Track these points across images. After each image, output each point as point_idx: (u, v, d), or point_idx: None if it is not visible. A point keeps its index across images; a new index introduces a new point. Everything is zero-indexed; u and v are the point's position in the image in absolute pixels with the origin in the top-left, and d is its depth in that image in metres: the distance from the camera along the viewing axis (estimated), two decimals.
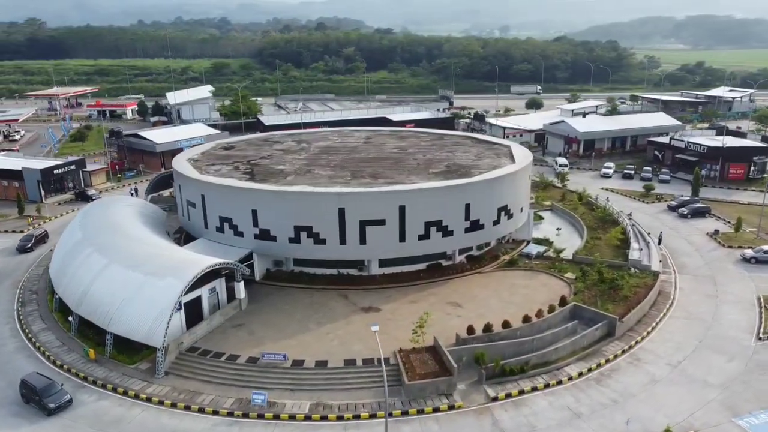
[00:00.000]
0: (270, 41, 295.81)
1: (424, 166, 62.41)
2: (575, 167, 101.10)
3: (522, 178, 60.88)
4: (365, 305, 51.86)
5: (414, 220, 53.76)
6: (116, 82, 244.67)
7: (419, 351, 43.99)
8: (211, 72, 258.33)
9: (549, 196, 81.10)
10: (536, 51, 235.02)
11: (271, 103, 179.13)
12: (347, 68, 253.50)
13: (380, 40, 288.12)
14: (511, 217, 60.10)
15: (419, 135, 79.05)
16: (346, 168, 61.98)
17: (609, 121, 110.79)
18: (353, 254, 54.74)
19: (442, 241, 55.70)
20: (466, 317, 49.11)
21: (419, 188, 53.87)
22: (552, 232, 68.08)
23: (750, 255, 62.28)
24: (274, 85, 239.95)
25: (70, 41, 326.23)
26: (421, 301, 52.35)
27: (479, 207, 56.16)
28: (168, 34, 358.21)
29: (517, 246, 63.62)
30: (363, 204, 53.01)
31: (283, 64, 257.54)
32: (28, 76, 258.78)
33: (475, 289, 54.49)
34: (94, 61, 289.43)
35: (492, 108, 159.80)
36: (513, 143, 71.34)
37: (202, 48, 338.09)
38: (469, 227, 56.30)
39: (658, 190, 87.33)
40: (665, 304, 53.44)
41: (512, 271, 58.07)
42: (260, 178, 58.71)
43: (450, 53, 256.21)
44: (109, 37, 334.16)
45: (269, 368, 43.10)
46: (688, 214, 75.93)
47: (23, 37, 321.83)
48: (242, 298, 51.39)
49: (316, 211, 53.19)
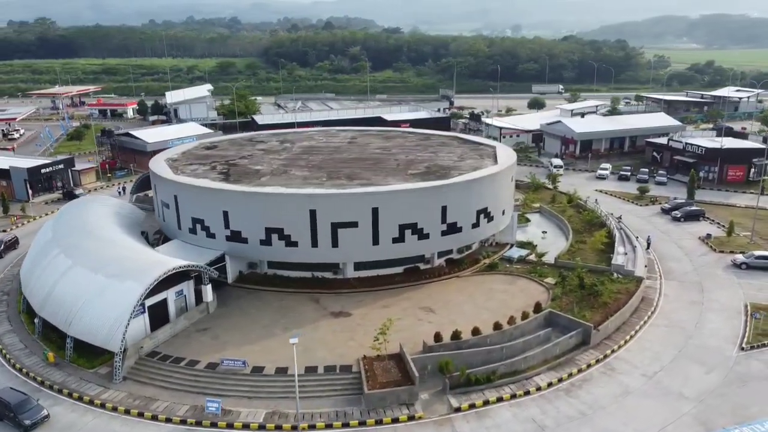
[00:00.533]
0: (276, 41, 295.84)
1: (404, 167, 60.98)
2: (571, 168, 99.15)
3: (503, 180, 59.24)
4: (336, 310, 50.55)
5: (388, 223, 52.37)
6: (123, 81, 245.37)
7: (384, 359, 42.59)
8: (217, 71, 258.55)
9: (539, 198, 79.29)
10: (543, 50, 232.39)
11: (272, 102, 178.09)
12: (352, 67, 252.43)
13: (387, 39, 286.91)
14: (492, 220, 58.50)
15: (406, 135, 77.61)
16: (324, 169, 60.72)
17: (607, 122, 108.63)
18: (325, 257, 53.45)
19: (418, 245, 54.25)
20: (437, 323, 47.65)
21: (393, 190, 52.47)
22: (538, 235, 66.41)
23: (741, 260, 60.20)
24: (279, 85, 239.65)
25: (79, 41, 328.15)
26: (394, 305, 50.99)
27: (456, 209, 54.63)
28: (177, 34, 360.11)
29: (500, 249, 62.02)
30: (335, 206, 51.71)
31: (289, 63, 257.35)
32: (36, 75, 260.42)
33: (451, 293, 52.99)
34: (102, 61, 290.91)
35: (494, 107, 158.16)
36: (499, 144, 69.70)
37: (210, 47, 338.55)
38: (446, 230, 54.79)
39: (653, 192, 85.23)
40: (647, 311, 51.62)
41: (491, 276, 56.49)
42: (234, 178, 57.63)
43: (456, 53, 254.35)
44: (117, 37, 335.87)
45: (228, 375, 41.93)
46: (681, 218, 73.83)
47: (33, 36, 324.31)
48: (210, 302, 50.28)
49: (287, 212, 51.98)
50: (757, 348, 46.00)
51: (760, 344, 46.32)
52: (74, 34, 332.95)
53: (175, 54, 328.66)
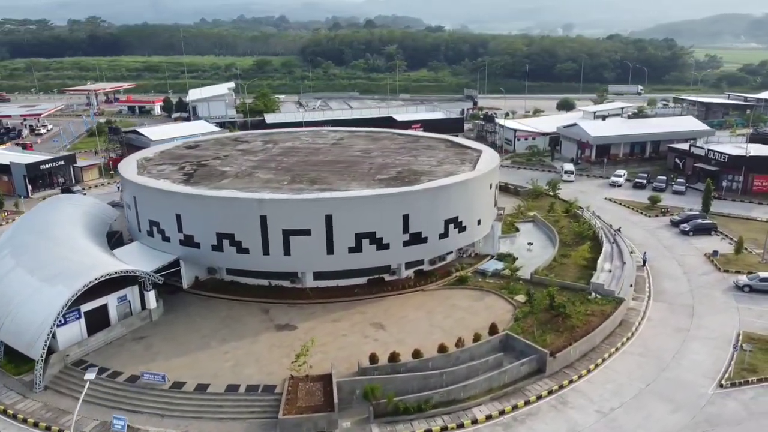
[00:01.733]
0: (313, 39, 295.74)
1: (375, 171, 57.62)
2: (585, 174, 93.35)
3: (479, 188, 55.11)
4: (283, 322, 47.77)
5: (343, 231, 49.20)
6: (163, 79, 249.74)
7: (313, 380, 39.53)
8: (254, 69, 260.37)
9: (538, 205, 74.42)
10: (583, 49, 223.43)
11: (295, 100, 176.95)
12: (387, 66, 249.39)
13: (425, 38, 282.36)
14: (465, 231, 54.49)
15: (394, 137, 74.09)
16: (292, 171, 58.01)
17: (628, 125, 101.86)
18: (277, 266, 50.74)
19: (377, 255, 50.84)
20: (383, 342, 44.32)
21: (348, 196, 49.24)
22: (525, 246, 61.86)
23: (744, 282, 54.20)
24: (313, 83, 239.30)
25: (127, 39, 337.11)
26: (345, 320, 47.85)
27: (420, 218, 50.96)
28: (221, 32, 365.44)
29: (478, 261, 57.96)
30: (286, 212, 48.91)
31: (325, 61, 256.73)
32: (83, 71, 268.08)
33: (409, 309, 49.38)
34: (145, 58, 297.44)
35: (521, 108, 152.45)
36: (487, 149, 65.33)
37: (252, 46, 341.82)
38: (409, 240, 51.18)
39: (667, 202, 78.90)
40: (623, 336, 46.67)
41: (459, 290, 52.53)
42: (195, 180, 55.57)
43: (494, 52, 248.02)
44: (163, 35, 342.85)
45: (146, 389, 39.71)
46: (689, 231, 67.70)
47: (85, 34, 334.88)
48: (153, 309, 48.32)
49: (238, 218, 49.49)
50: (738, 386, 40.64)
51: (743, 381, 40.94)
52: (122, 33, 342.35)
53: (217, 52, 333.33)
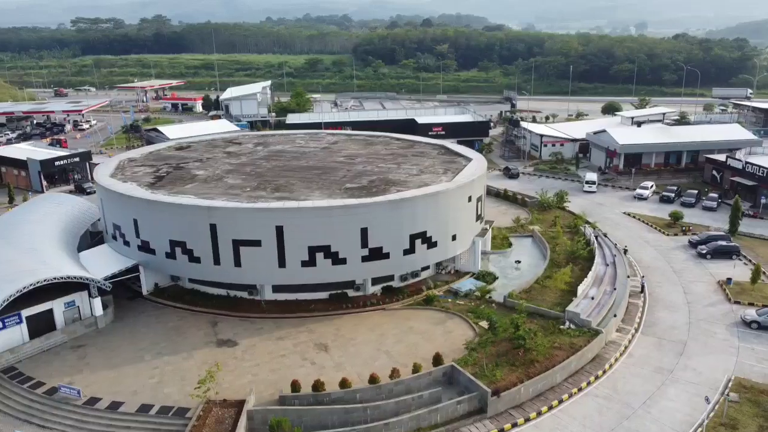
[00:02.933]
0: (366, 38, 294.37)
1: (347, 180, 54.38)
2: (611, 185, 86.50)
3: (454, 200, 50.89)
4: (226, 337, 45.42)
5: (295, 244, 46.34)
6: (218, 76, 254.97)
7: (229, 405, 36.87)
8: (306, 68, 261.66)
9: (544, 218, 68.97)
10: (642, 50, 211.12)
11: (331, 99, 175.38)
12: (437, 65, 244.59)
13: (479, 36, 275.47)
14: (435, 246, 50.44)
15: (390, 142, 70.45)
16: (262, 177, 55.58)
17: (664, 133, 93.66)
18: (228, 277, 48.52)
19: (333, 270, 47.65)
20: (320, 366, 41.26)
21: (299, 207, 46.24)
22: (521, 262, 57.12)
23: (751, 317, 47.55)
24: (364, 82, 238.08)
25: (189, 37, 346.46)
26: (290, 338, 45.03)
27: (380, 232, 47.41)
28: (279, 31, 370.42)
29: (457, 279, 53.80)
30: (236, 221, 46.49)
31: (376, 60, 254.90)
32: (145, 68, 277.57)
33: (362, 330, 45.95)
34: (204, 56, 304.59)
35: (565, 111, 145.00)
36: (478, 157, 60.73)
37: (309, 44, 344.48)
38: (369, 256, 47.70)
39: (693, 219, 71.63)
40: (591, 375, 41.49)
41: (422, 311, 48.61)
42: (161, 184, 54.00)
43: (550, 51, 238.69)
44: (225, 33, 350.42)
45: (61, 403, 38.17)
46: (707, 254, 60.75)
47: (150, 33, 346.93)
48: (99, 316, 47.03)
49: (188, 225, 47.54)
50: None
51: None
52: (185, 31, 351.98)
53: (275, 50, 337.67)
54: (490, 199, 78.50)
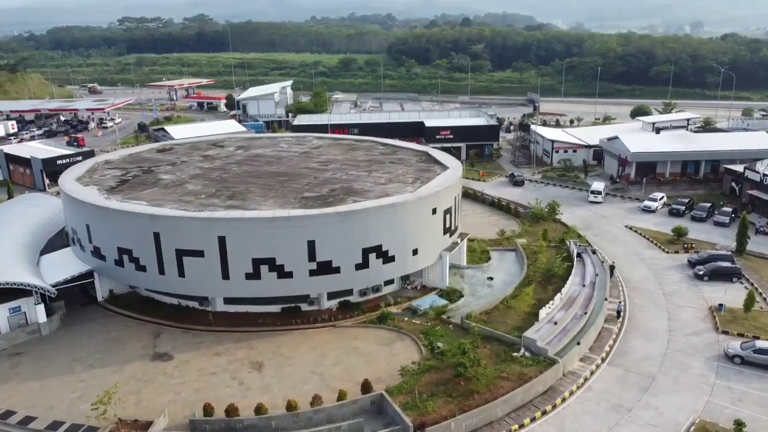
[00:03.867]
0: (401, 37, 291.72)
1: (310, 188, 52.07)
2: (620, 195, 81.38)
3: (414, 213, 47.88)
4: (163, 350, 43.84)
5: (238, 255, 44.35)
6: (254, 75, 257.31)
7: (140, 427, 35.15)
8: (339, 67, 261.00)
9: (533, 231, 64.97)
10: (686, 50, 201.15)
11: (353, 99, 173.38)
12: (471, 66, 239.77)
13: (516, 36, 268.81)
14: (392, 261, 47.59)
15: (373, 147, 67.67)
16: (224, 183, 53.82)
17: (681, 141, 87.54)
18: (173, 287, 47.06)
19: (279, 284, 45.44)
20: (247, 387, 39.23)
21: (241, 218, 44.18)
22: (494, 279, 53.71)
23: (734, 351, 42.87)
24: (396, 82, 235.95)
25: (231, 36, 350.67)
26: (228, 354, 43.11)
27: (329, 245, 44.92)
28: (318, 30, 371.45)
29: (422, 295, 50.86)
30: (179, 230, 44.84)
31: (409, 60, 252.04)
32: (185, 67, 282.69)
33: (304, 348, 43.59)
34: (242, 55, 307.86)
35: (592, 114, 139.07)
36: (456, 166, 57.36)
37: (348, 43, 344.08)
38: (317, 270, 45.26)
39: (700, 235, 66.36)
40: (537, 410, 37.93)
41: (374, 330, 45.88)
42: (122, 189, 52.88)
43: (589, 52, 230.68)
44: (265, 32, 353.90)
45: None
46: (704, 276, 55.78)
47: (193, 32, 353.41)
48: (42, 323, 46.17)
49: (134, 233, 46.16)
50: None
51: None
52: (226, 30, 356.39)
53: (313, 49, 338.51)
54: (483, 208, 75.05)
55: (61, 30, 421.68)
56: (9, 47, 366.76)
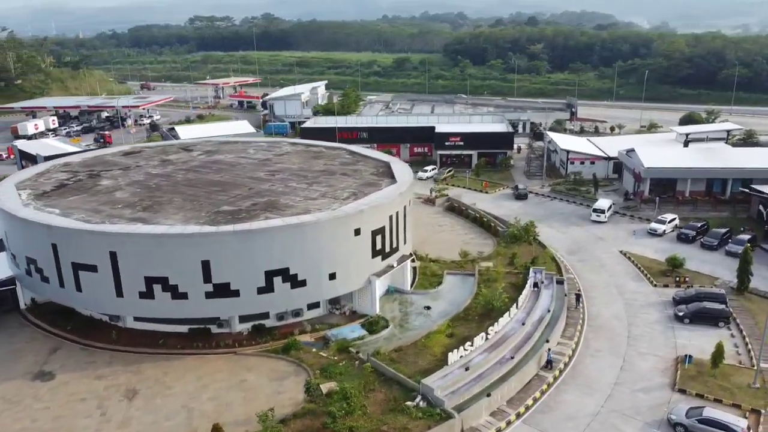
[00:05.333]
0: (457, 36, 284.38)
1: (234, 200, 48.60)
2: (630, 214, 73.04)
3: (332, 233, 43.36)
4: (49, 369, 41.65)
5: (131, 273, 41.51)
6: (309, 74, 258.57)
7: None
8: (393, 67, 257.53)
9: (505, 253, 58.56)
10: (764, 52, 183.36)
11: (387, 100, 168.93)
12: (527, 67, 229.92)
13: (580, 36, 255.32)
14: (302, 286, 43.33)
15: (341, 156, 63.13)
16: (152, 192, 51.13)
17: (708, 155, 77.35)
18: (72, 301, 44.96)
19: (173, 305, 42.21)
20: (106, 419, 36.57)
21: (131, 233, 41.22)
22: (432, 309, 48.41)
23: (676, 419, 35.77)
24: (448, 82, 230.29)
25: (295, 34, 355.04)
26: (110, 378, 40.44)
27: (226, 266, 41.24)
28: (382, 29, 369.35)
29: (346, 322, 46.40)
30: (73, 242, 42.46)
31: (463, 60, 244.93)
32: (246, 65, 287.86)
33: (189, 377, 40.19)
34: (302, 53, 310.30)
35: (638, 122, 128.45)
36: (404, 181, 52.13)
37: (410, 42, 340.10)
38: (214, 292, 41.70)
39: (704, 267, 58.05)
40: None
41: (274, 361, 41.82)
42: (50, 194, 51.32)
43: (656, 53, 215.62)
44: (327, 31, 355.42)
45: None
46: (685, 318, 47.99)
47: (259, 30, 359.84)
48: None
49: (35, 243, 44.35)
50: None
51: None
52: (292, 29, 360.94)
53: (374, 48, 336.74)
54: (464, 224, 69.13)
55: (142, 28, 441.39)
56: (92, 44, 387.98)
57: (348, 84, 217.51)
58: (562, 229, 69.23)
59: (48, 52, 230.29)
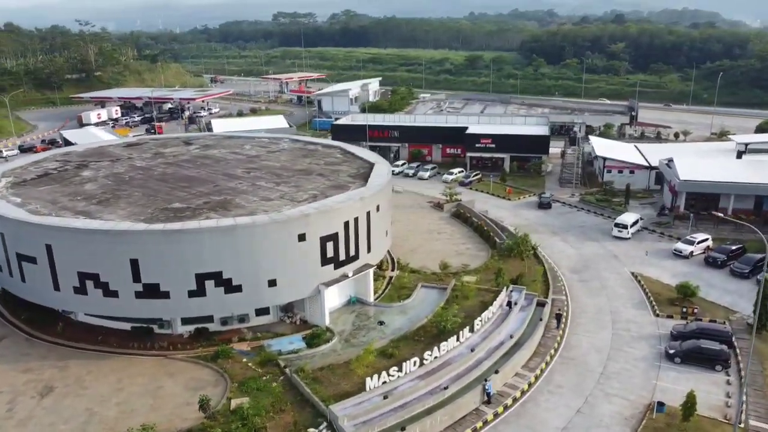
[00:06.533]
0: (534, 34, 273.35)
1: (191, 198, 46.97)
2: (660, 232, 65.51)
3: (268, 238, 40.68)
4: None
5: (67, 266, 40.81)
6: (382, 71, 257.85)
7: None
8: (465, 65, 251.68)
9: (493, 267, 53.44)
10: None
11: (441, 99, 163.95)
12: (605, 66, 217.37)
13: (668, 34, 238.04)
14: (238, 291, 40.95)
15: (329, 155, 60.13)
16: (120, 185, 50.45)
17: (757, 170, 67.78)
18: (19, 291, 44.80)
19: (105, 303, 41.10)
20: (6, 417, 35.49)
21: (61, 226, 40.33)
22: (387, 325, 44.80)
23: None
24: (520, 82, 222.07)
25: (373, 31, 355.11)
26: (35, 372, 39.98)
27: (155, 267, 39.56)
28: (461, 26, 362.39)
29: (293, 332, 43.74)
30: (15, 233, 42.31)
31: (538, 58, 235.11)
32: (322, 61, 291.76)
33: (111, 378, 38.89)
34: (377, 50, 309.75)
35: (707, 127, 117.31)
36: (373, 186, 48.50)
37: (488, 40, 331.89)
38: (143, 292, 40.16)
39: (725, 297, 50.80)
40: None
41: (200, 369, 39.77)
42: (25, 183, 51.85)
43: (753, 53, 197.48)
44: (406, 28, 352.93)
45: None
46: (676, 357, 41.59)
47: (339, 27, 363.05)
48: None
49: None
50: None
51: None
52: (371, 25, 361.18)
53: (452, 46, 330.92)
54: (465, 232, 64.40)
55: (231, 24, 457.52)
56: (184, 39, 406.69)
57: (417, 82, 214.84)
58: (576, 244, 63.02)
59: (132, 46, 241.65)
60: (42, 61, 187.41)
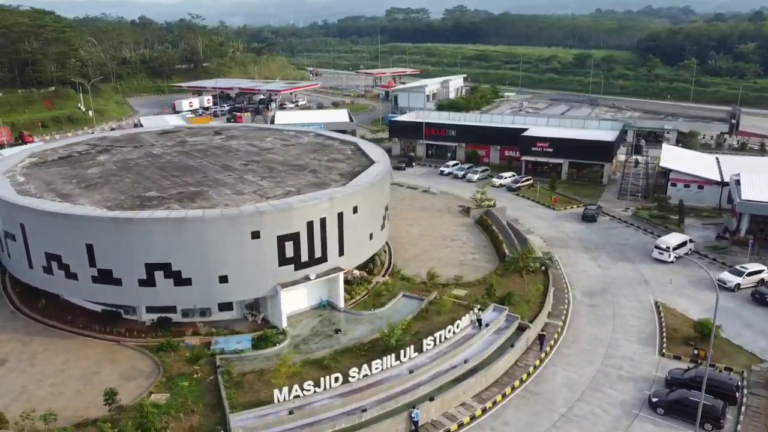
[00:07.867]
0: (653, 32, 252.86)
1: (172, 187, 47.09)
2: (712, 258, 57.17)
3: (219, 233, 39.57)
4: None
5: (36, 246, 42.37)
6: (486, 68, 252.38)
7: None
8: (573, 64, 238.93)
9: (486, 282, 48.83)
10: None
11: (527, 98, 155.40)
12: (729, 69, 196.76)
13: None
14: (187, 284, 40.34)
15: (339, 152, 58.08)
16: (119, 172, 51.67)
17: None
18: (8, 266, 47.16)
19: (67, 284, 42.20)
20: None
21: (30, 207, 41.63)
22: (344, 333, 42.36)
23: None
24: (630, 83, 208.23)
25: (485, 27, 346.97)
26: (2, 345, 41.48)
27: (107, 253, 39.88)
28: (578, 23, 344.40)
29: (251, 331, 42.59)
30: (2, 212, 44.48)
31: (653, 58, 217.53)
32: (428, 57, 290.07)
33: (61, 358, 39.76)
34: (485, 47, 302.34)
35: None
36: (357, 184, 45.89)
37: (606, 38, 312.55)
38: (99, 277, 40.69)
39: (758, 342, 42.90)
40: None
41: (144, 358, 39.58)
42: (39, 166, 54.46)
43: None
44: (519, 25, 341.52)
45: None
46: (658, 407, 35.50)
47: (451, 23, 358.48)
48: None
49: None
50: None
51: None
52: (482, 21, 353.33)
53: (567, 44, 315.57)
54: (480, 240, 59.79)
55: (349, 19, 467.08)
56: (302, 34, 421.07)
57: (518, 80, 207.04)
58: (605, 264, 56.53)
59: (242, 39, 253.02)
60: (156, 51, 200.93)
